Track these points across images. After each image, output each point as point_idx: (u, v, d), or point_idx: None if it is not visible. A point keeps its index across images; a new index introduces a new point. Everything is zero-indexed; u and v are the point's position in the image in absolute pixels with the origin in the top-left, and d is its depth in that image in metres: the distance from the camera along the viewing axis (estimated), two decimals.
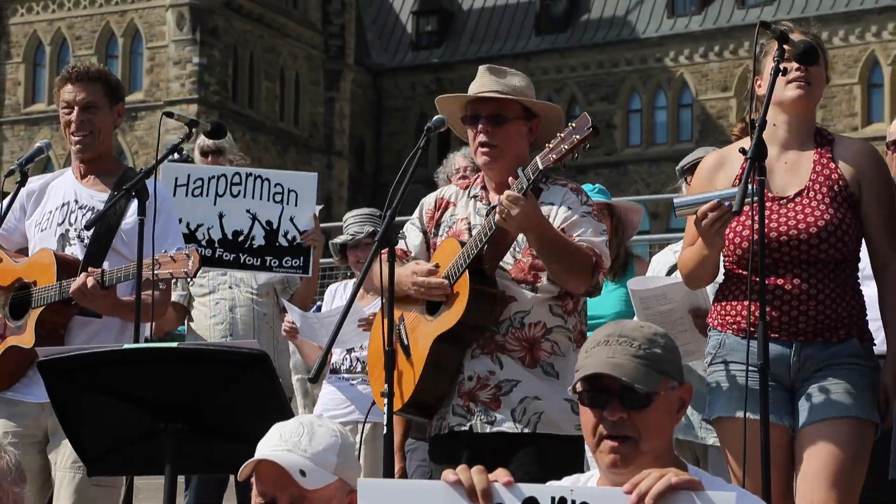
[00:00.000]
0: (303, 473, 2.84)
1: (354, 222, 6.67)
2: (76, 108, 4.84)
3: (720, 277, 4.19)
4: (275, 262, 6.14)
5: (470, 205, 4.43)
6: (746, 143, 4.12)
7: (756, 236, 3.80)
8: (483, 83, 4.38)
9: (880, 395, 4.02)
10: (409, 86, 50.07)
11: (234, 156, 7.61)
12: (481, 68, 4.46)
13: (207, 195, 6.12)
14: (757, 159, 3.77)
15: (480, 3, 51.77)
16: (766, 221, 3.95)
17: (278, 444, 2.90)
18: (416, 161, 4.16)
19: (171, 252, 4.60)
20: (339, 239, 6.80)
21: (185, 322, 7.41)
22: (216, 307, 6.82)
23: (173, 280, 4.62)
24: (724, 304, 4.11)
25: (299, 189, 6.18)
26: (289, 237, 6.13)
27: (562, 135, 4.06)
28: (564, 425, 4.25)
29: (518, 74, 4.44)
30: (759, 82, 4.15)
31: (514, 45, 49.92)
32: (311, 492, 2.85)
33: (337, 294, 6.92)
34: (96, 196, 4.87)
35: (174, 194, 6.04)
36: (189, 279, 4.91)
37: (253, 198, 6.14)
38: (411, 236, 4.50)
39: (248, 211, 6.12)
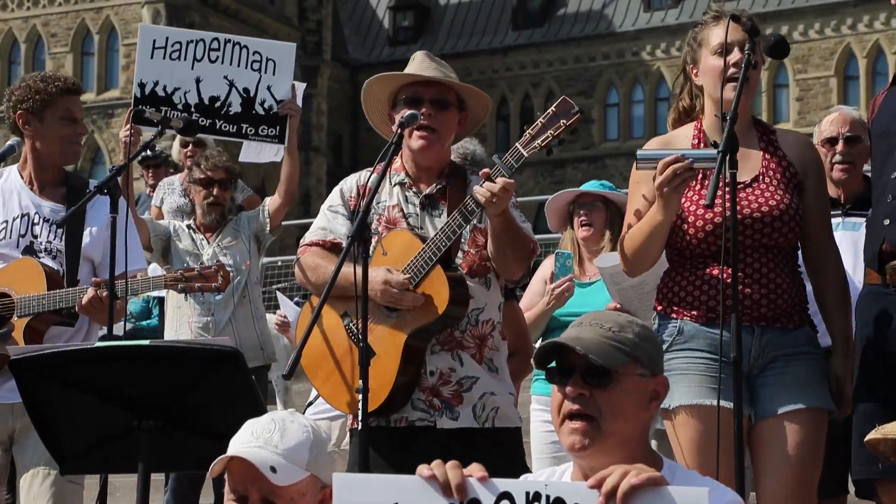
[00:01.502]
0: (273, 470, 2.84)
1: None
2: (79, 121, 4.88)
3: (664, 264, 4.18)
4: (251, 131, 6.16)
5: (396, 192, 4.38)
6: (686, 131, 4.15)
7: (730, 224, 3.79)
8: (423, 68, 4.36)
9: (832, 384, 4.05)
10: None
11: (213, 149, 7.62)
12: (419, 54, 4.45)
13: (185, 59, 6.12)
14: (728, 152, 3.76)
15: None
16: (717, 204, 3.93)
17: (250, 440, 2.89)
18: (389, 156, 4.14)
19: (197, 266, 4.72)
20: None
21: (160, 307, 7.39)
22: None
23: (199, 292, 4.71)
24: (675, 290, 4.07)
25: (277, 58, 6.19)
26: (265, 106, 6.16)
27: (542, 120, 4.05)
28: (513, 418, 4.34)
29: (450, 67, 4.45)
30: (695, 71, 4.15)
31: (492, 40, 49.91)
32: (282, 488, 2.85)
33: None
34: (56, 209, 4.88)
35: (151, 56, 6.05)
36: (218, 293, 4.92)
37: (231, 64, 6.15)
38: (336, 224, 4.39)
39: (225, 77, 6.14)
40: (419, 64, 4.38)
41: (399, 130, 4.22)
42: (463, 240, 4.29)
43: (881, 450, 3.15)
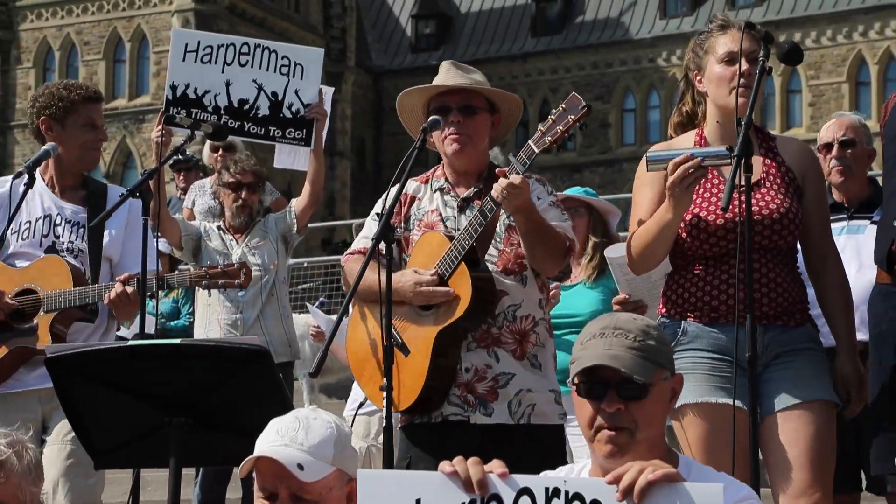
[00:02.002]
0: (300, 467, 2.84)
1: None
2: (99, 127, 4.93)
3: (667, 266, 4.18)
4: (278, 133, 6.18)
5: (436, 198, 4.41)
6: (688, 138, 4.14)
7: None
8: (449, 77, 4.38)
9: (839, 385, 4.03)
10: (408, 87, 49.94)
11: (241, 153, 7.65)
12: (445, 63, 4.46)
13: (216, 63, 6.14)
14: (744, 157, 3.76)
15: (478, 6, 51.75)
16: (730, 207, 3.91)
17: (276, 439, 2.90)
18: (412, 160, 4.16)
19: (222, 264, 4.76)
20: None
21: (191, 307, 7.41)
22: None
23: (223, 289, 4.74)
24: (679, 291, 4.07)
25: (305, 63, 6.20)
26: (293, 109, 6.17)
27: (552, 116, 4.06)
28: (551, 415, 4.30)
29: (478, 72, 4.45)
30: (698, 77, 4.13)
31: (511, 47, 49.87)
32: (310, 484, 2.85)
33: None
34: (77, 210, 4.94)
35: (183, 60, 6.08)
36: (241, 290, 4.96)
37: (260, 68, 6.16)
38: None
39: (254, 81, 6.16)
40: (445, 73, 4.41)
41: (422, 135, 4.24)
42: (499, 239, 4.29)
43: None
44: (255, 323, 6.83)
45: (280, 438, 2.89)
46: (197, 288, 7.05)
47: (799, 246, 4.13)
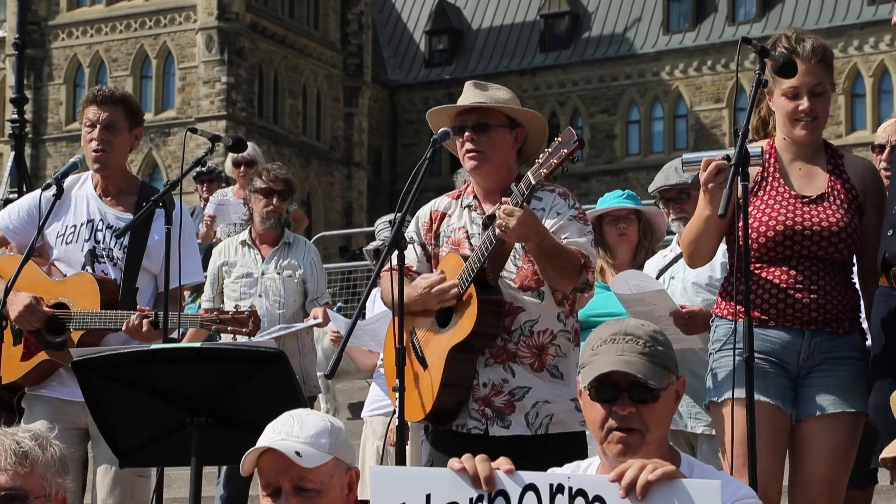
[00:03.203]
0: (298, 454, 2.86)
1: (385, 228, 6.67)
2: (98, 126, 4.85)
3: (720, 256, 4.18)
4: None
5: (465, 214, 4.39)
6: (759, 146, 4.13)
7: (743, 234, 3.81)
8: (468, 96, 4.37)
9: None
10: (422, 100, 50.03)
11: (273, 163, 7.65)
12: (467, 84, 4.44)
13: None
14: (740, 166, 3.77)
15: (488, 22, 51.76)
16: (792, 216, 4.00)
17: (273, 436, 2.92)
18: (423, 170, 4.15)
19: (231, 310, 4.72)
20: (373, 245, 6.84)
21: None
22: None
23: (232, 335, 4.71)
24: (734, 293, 4.05)
25: None
26: None
27: (549, 149, 4.07)
28: (571, 423, 4.25)
29: (502, 88, 4.42)
30: (770, 98, 4.17)
31: (521, 62, 49.86)
32: (310, 471, 2.86)
33: (377, 297, 6.96)
34: (121, 217, 4.87)
35: None
36: (249, 338, 4.93)
37: None
38: (411, 250, 4.41)
39: None
40: (463, 94, 4.40)
41: (432, 146, 4.22)
42: (517, 256, 4.25)
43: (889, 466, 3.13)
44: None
45: (276, 435, 2.92)
46: (224, 294, 7.05)
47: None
